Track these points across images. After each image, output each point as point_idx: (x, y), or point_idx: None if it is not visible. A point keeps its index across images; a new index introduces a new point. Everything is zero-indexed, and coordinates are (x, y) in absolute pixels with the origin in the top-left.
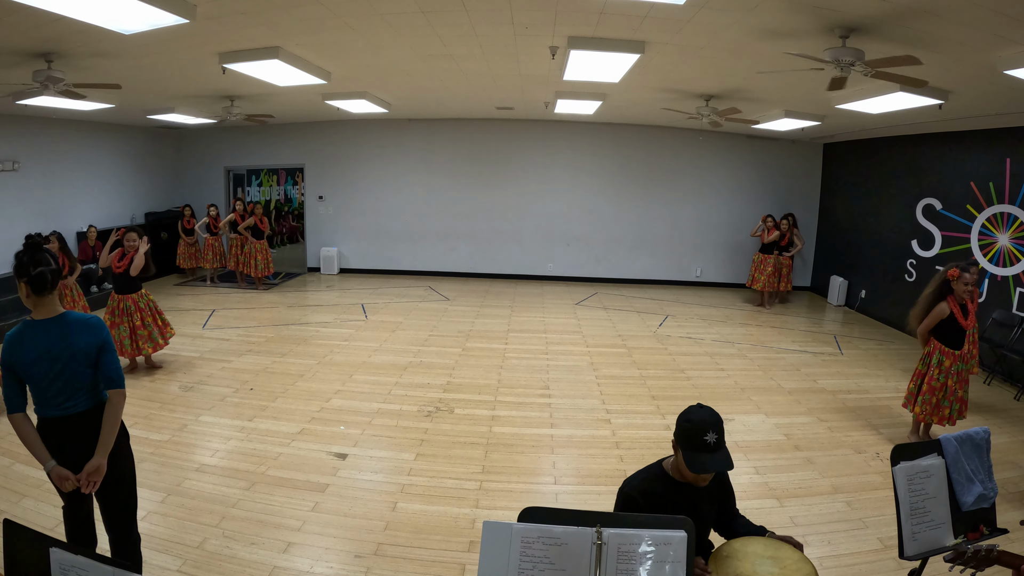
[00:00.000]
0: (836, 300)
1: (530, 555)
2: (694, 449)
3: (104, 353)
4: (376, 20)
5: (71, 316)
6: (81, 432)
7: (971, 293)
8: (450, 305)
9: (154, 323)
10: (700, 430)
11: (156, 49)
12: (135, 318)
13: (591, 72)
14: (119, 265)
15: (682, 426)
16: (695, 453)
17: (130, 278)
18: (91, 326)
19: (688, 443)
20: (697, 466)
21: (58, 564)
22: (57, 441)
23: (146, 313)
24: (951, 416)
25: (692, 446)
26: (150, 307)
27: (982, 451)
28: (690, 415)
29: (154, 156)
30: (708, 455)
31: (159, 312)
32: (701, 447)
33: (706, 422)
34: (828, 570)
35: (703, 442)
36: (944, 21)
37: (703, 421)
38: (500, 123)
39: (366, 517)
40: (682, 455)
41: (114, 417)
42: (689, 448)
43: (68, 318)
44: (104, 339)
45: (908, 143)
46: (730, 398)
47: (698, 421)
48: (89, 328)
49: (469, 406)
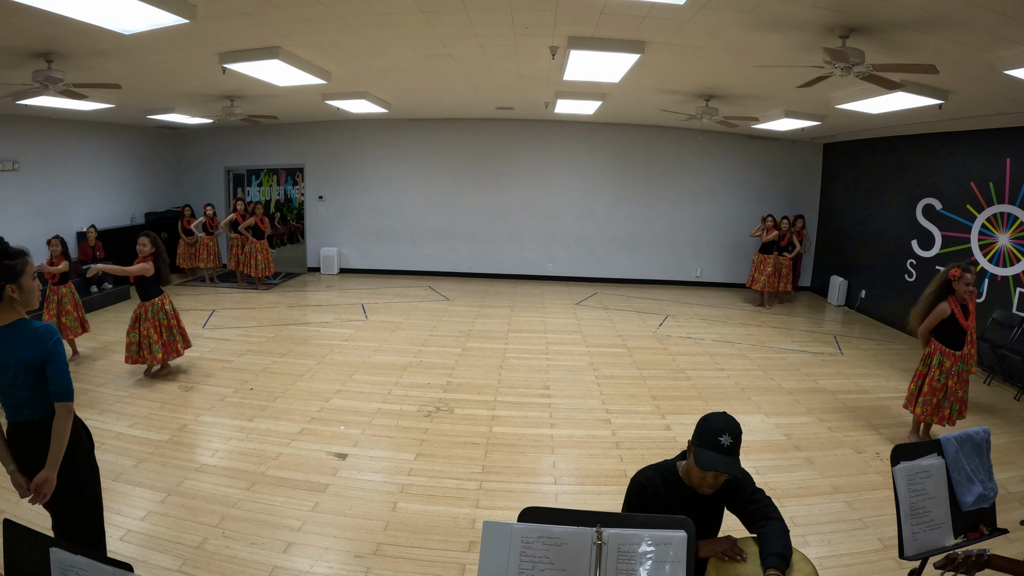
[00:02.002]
0: (836, 300)
1: (530, 555)
2: (707, 447)
3: (49, 364)
4: (376, 20)
5: (22, 326)
6: (33, 440)
7: (972, 293)
8: (450, 305)
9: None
10: (718, 431)
11: (156, 49)
12: (143, 326)
13: (591, 72)
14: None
15: (701, 426)
16: (706, 451)
17: (145, 285)
18: (38, 337)
19: (702, 441)
20: (704, 463)
21: (58, 564)
22: (17, 447)
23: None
24: (951, 416)
25: (705, 444)
26: (159, 318)
27: (982, 451)
28: (711, 417)
29: (154, 156)
30: (718, 455)
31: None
32: (714, 446)
33: (725, 426)
34: (828, 570)
35: (717, 442)
36: (944, 21)
37: (723, 424)
38: (500, 123)
39: (366, 517)
40: (694, 453)
41: (60, 431)
42: (702, 446)
43: (18, 328)
44: (48, 350)
45: (908, 143)
46: (730, 398)
47: (717, 423)
48: (36, 339)
49: (469, 406)
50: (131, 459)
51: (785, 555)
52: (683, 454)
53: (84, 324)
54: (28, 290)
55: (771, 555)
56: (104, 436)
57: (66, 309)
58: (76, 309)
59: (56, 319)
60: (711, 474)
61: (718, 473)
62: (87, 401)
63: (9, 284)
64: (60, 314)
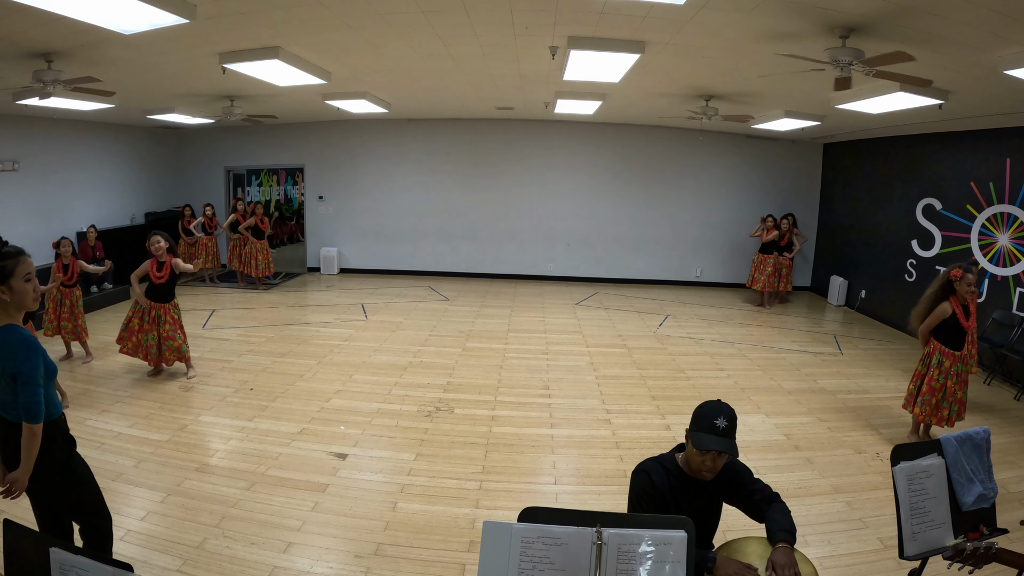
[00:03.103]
0: (836, 300)
1: (530, 555)
2: (702, 430)
3: (18, 382)
4: (376, 20)
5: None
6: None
7: (973, 294)
8: (450, 305)
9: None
10: (712, 414)
11: (156, 49)
12: (165, 328)
13: (591, 72)
14: (159, 276)
15: (696, 412)
16: (702, 433)
17: (165, 288)
18: (14, 351)
19: (699, 425)
20: (699, 442)
21: (58, 564)
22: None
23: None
24: (949, 417)
25: (702, 427)
26: (171, 319)
27: (982, 451)
28: (706, 403)
29: (154, 156)
30: (714, 437)
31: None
32: (710, 429)
33: (719, 410)
34: (828, 570)
35: (712, 424)
36: (944, 21)
37: (717, 408)
38: (500, 123)
39: (366, 517)
40: (691, 438)
41: (26, 447)
42: (698, 429)
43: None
44: (18, 368)
45: (908, 143)
46: (730, 398)
47: (712, 408)
48: (11, 352)
49: (469, 406)
50: (131, 459)
51: (792, 531)
52: (680, 446)
53: (81, 333)
54: (20, 292)
55: (779, 531)
56: (104, 436)
57: (75, 312)
58: (77, 317)
59: (55, 321)
60: (710, 456)
61: (716, 456)
62: (87, 401)
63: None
64: (60, 317)
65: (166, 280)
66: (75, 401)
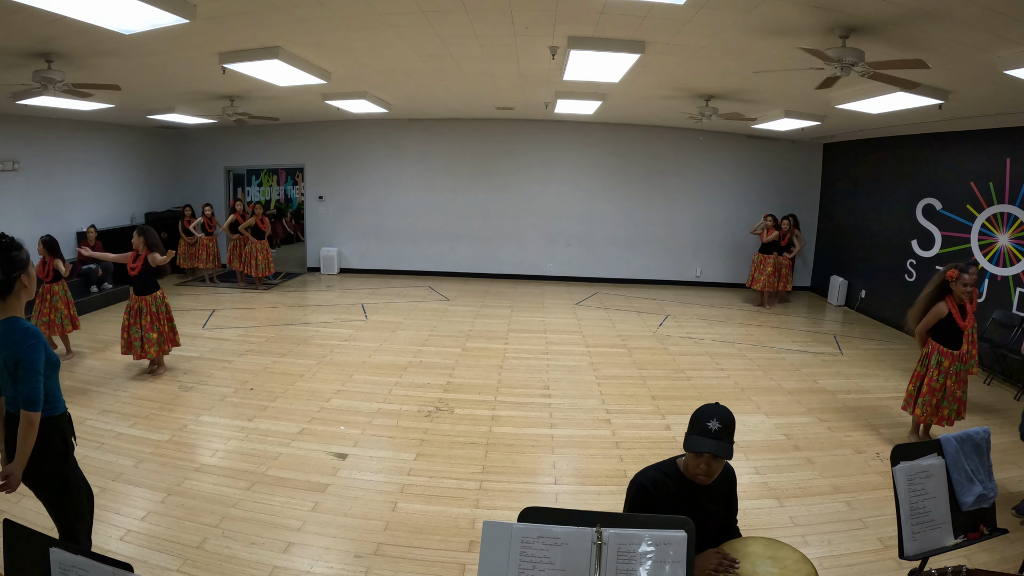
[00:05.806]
0: (836, 300)
1: (530, 555)
2: (695, 432)
3: (19, 369)
4: (376, 20)
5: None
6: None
7: (970, 294)
8: (450, 305)
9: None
10: (706, 417)
11: (156, 49)
12: (144, 319)
13: (591, 72)
14: (133, 267)
15: (693, 415)
16: (695, 436)
17: (143, 279)
18: (16, 339)
19: (692, 428)
20: (691, 444)
21: (58, 564)
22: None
23: (156, 318)
24: (949, 416)
25: (695, 430)
26: (161, 312)
27: (982, 451)
28: (703, 406)
29: (154, 156)
30: (704, 438)
31: (169, 319)
32: (703, 431)
33: (713, 413)
34: (828, 570)
35: (705, 427)
36: (944, 21)
37: (711, 411)
38: (500, 123)
39: (366, 517)
40: (685, 441)
41: (23, 438)
42: (692, 432)
43: (9, 324)
44: (19, 355)
45: (908, 143)
46: (730, 398)
47: (707, 411)
48: (14, 340)
49: (469, 406)
50: (131, 459)
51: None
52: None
53: (74, 321)
54: (33, 279)
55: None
56: (104, 436)
57: (56, 307)
58: (67, 307)
59: (48, 316)
60: (703, 460)
61: (711, 459)
62: (87, 401)
63: (23, 274)
64: (51, 311)
65: (139, 272)
66: (75, 401)
